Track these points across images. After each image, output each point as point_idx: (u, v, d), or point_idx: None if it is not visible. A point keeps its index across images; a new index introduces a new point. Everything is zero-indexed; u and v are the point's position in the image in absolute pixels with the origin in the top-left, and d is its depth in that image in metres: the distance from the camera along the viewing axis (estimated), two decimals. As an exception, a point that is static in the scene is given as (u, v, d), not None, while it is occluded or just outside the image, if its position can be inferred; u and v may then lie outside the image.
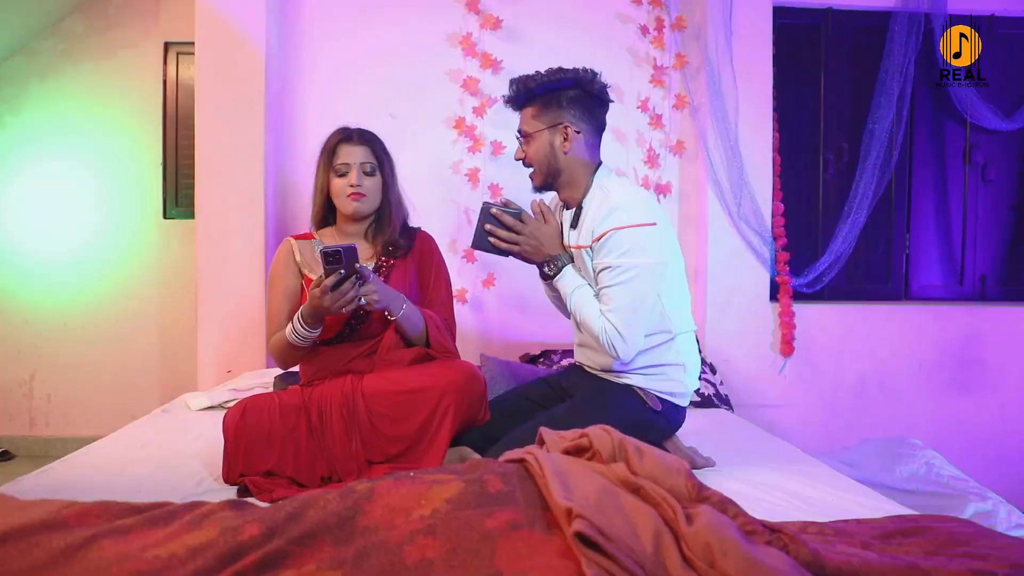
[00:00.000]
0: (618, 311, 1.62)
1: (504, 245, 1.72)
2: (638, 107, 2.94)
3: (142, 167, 3.28)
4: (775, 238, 2.94)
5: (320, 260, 1.58)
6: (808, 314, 3.01)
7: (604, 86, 1.76)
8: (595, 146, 1.79)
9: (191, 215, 3.06)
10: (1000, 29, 3.11)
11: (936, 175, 3.18)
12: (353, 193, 1.78)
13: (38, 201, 3.29)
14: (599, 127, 1.79)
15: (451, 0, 2.88)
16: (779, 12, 2.98)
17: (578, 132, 1.73)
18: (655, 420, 1.72)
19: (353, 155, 1.80)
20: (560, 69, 1.73)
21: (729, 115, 2.87)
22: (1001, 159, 3.19)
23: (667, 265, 1.69)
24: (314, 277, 1.79)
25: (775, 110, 2.95)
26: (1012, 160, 3.21)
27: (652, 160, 2.94)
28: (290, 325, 1.70)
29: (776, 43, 2.95)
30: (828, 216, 3.09)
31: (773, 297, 2.99)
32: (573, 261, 1.74)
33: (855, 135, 3.06)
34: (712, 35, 2.87)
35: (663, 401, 1.72)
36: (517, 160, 1.82)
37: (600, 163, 1.79)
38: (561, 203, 1.85)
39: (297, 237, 1.90)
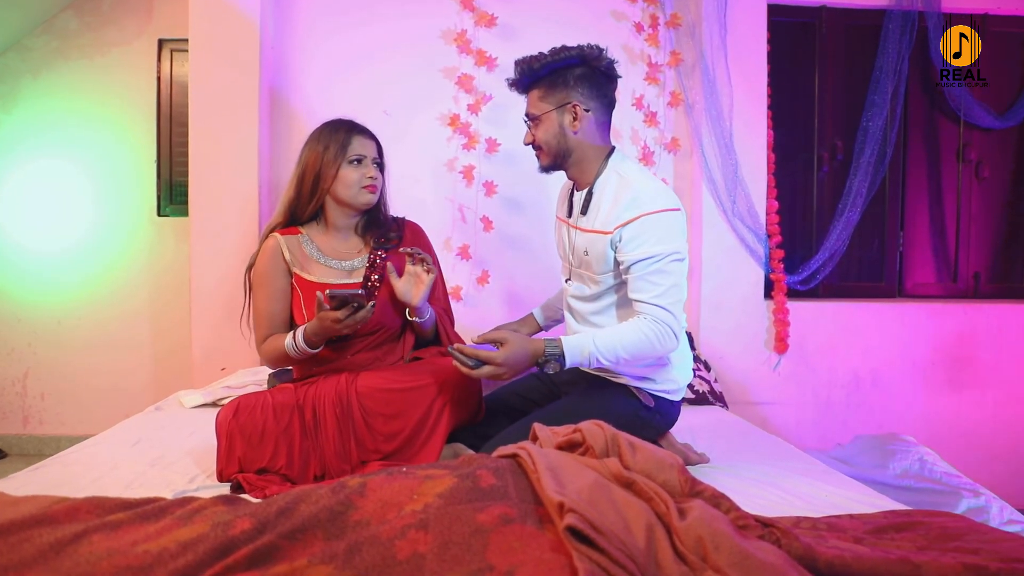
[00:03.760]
0: (665, 296, 1.59)
1: (488, 375, 1.54)
2: (633, 104, 2.94)
3: (136, 165, 3.26)
4: (769, 235, 2.95)
5: (329, 302, 1.58)
6: (802, 311, 3.02)
7: (611, 61, 1.70)
8: (606, 125, 1.74)
9: (185, 213, 3.04)
10: (993, 27, 3.12)
11: (930, 173, 3.19)
12: (370, 185, 1.77)
13: (31, 199, 3.27)
14: (609, 104, 1.73)
15: (446, -3, 2.88)
16: (773, 10, 2.98)
17: (587, 111, 1.67)
18: (649, 417, 1.72)
19: (367, 148, 1.79)
20: (565, 47, 1.67)
21: (724, 113, 2.88)
22: (995, 157, 3.20)
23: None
24: (304, 275, 1.78)
25: (769, 108, 2.95)
26: (1006, 158, 3.22)
27: (647, 157, 2.94)
28: (290, 341, 1.68)
29: (771, 41, 2.95)
30: (822, 214, 3.10)
31: (767, 294, 3.00)
32: (557, 344, 1.59)
33: (849, 133, 3.07)
34: (707, 33, 2.87)
35: (656, 398, 1.72)
36: (527, 145, 1.76)
37: (613, 147, 1.74)
38: (570, 184, 1.81)
39: (283, 232, 1.81)
